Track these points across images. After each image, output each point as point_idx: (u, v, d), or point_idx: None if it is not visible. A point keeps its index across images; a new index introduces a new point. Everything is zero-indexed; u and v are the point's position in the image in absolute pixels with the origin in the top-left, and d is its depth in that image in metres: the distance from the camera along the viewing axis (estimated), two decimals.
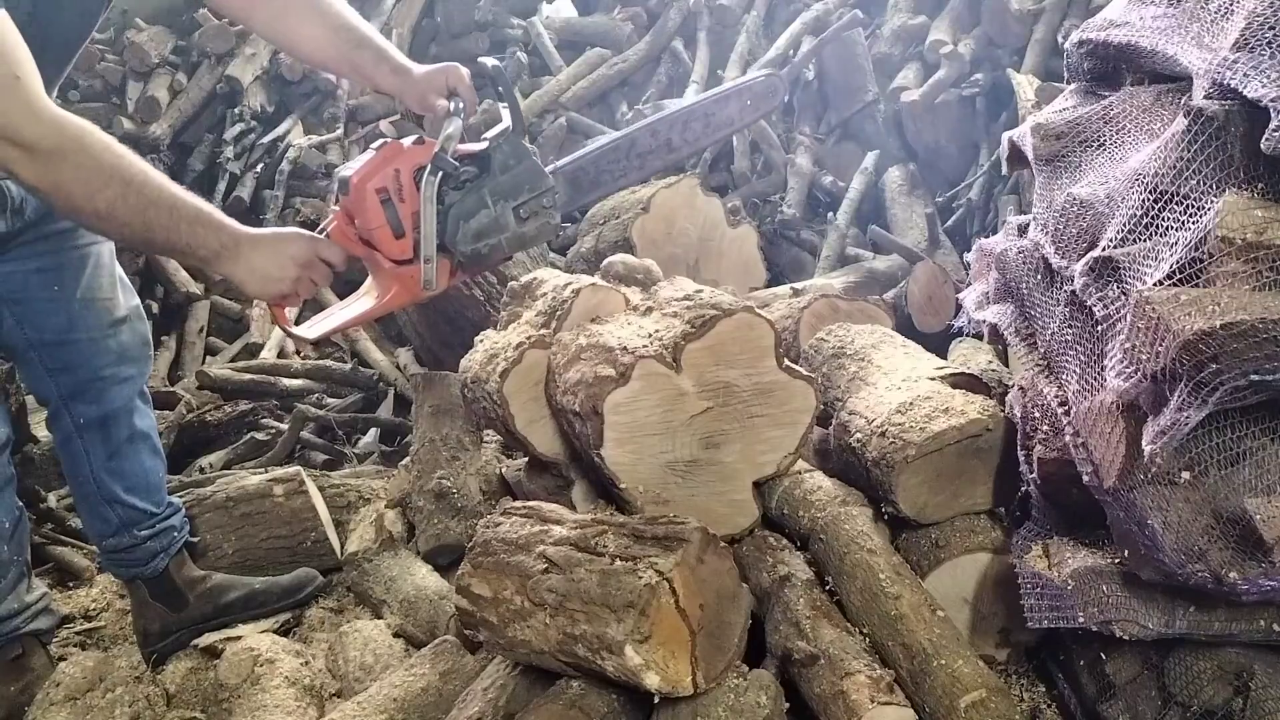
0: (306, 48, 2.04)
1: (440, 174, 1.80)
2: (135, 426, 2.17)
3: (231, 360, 3.87)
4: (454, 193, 1.86)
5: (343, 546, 2.54)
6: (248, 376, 3.56)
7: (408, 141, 1.85)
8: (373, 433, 3.33)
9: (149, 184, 1.62)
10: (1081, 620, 1.51)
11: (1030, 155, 1.96)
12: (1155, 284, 1.41)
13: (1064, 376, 1.70)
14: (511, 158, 1.90)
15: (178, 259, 1.85)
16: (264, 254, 1.74)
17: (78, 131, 1.56)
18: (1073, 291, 1.66)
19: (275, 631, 2.28)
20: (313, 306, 3.22)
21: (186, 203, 1.67)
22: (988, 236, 2.51)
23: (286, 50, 2.08)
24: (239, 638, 2.19)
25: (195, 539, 2.41)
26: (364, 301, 1.93)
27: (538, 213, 1.94)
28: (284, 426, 3.24)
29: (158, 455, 2.26)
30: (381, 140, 1.86)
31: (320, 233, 1.87)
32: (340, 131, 4.80)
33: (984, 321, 2.14)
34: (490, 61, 1.99)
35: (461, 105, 1.95)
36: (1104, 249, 1.55)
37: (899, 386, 1.96)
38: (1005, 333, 1.98)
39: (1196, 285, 1.39)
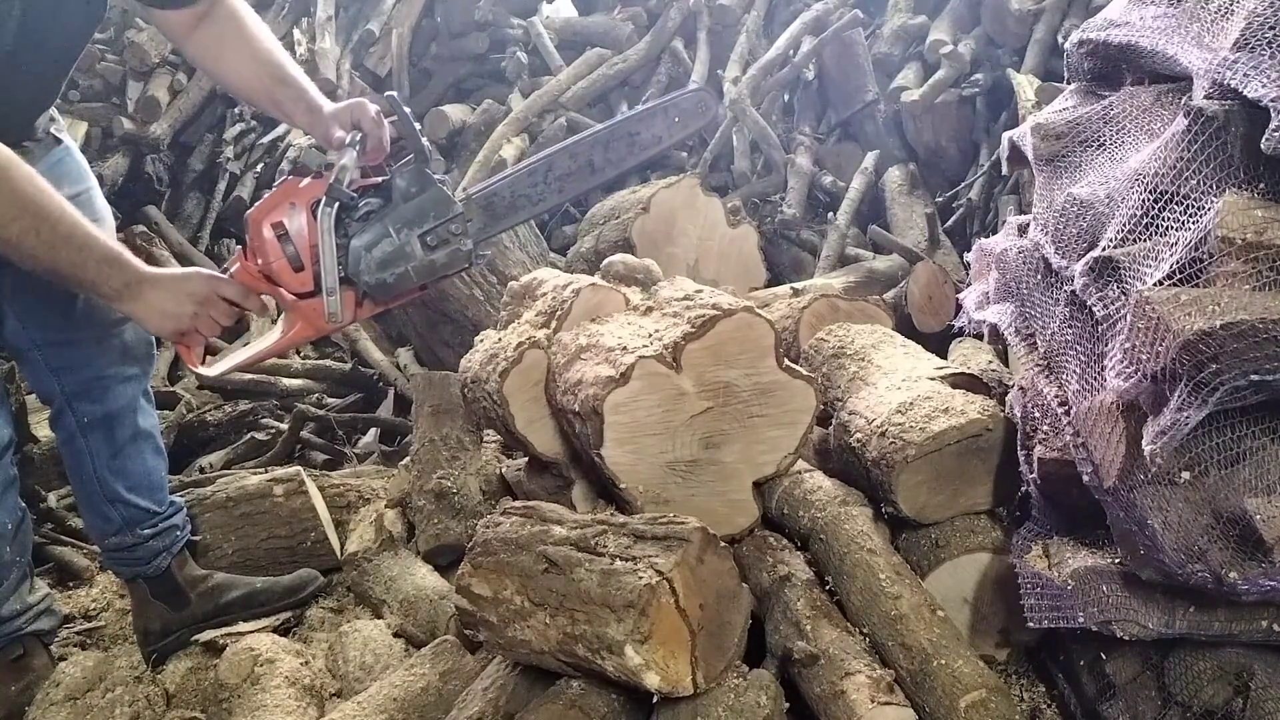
0: (233, 79, 2.06)
1: (336, 205, 1.81)
2: (138, 426, 2.18)
3: None
4: (357, 224, 1.87)
5: (343, 546, 2.54)
6: (248, 376, 3.56)
7: (306, 179, 1.87)
8: (373, 433, 3.33)
9: (63, 221, 1.68)
10: (1081, 620, 1.51)
11: (1030, 155, 1.96)
12: (1155, 284, 1.41)
13: (1064, 376, 1.70)
14: (414, 185, 1.89)
15: (82, 293, 1.88)
16: (163, 293, 1.78)
17: (4, 162, 1.62)
18: (1073, 291, 1.66)
19: (275, 631, 2.28)
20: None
21: (98, 242, 1.72)
22: (988, 236, 2.51)
23: (213, 78, 2.13)
24: (240, 636, 2.19)
25: (197, 538, 2.41)
26: (269, 336, 1.95)
27: (447, 240, 1.91)
28: (284, 426, 3.24)
29: (160, 455, 2.27)
30: (282, 178, 1.88)
31: (224, 271, 1.89)
32: None
33: (984, 321, 2.14)
34: (390, 93, 2.02)
35: (359, 138, 1.93)
36: (1104, 249, 1.55)
37: (899, 386, 1.96)
38: (1005, 333, 1.98)
39: (1196, 285, 1.39)
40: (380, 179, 1.93)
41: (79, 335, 2.05)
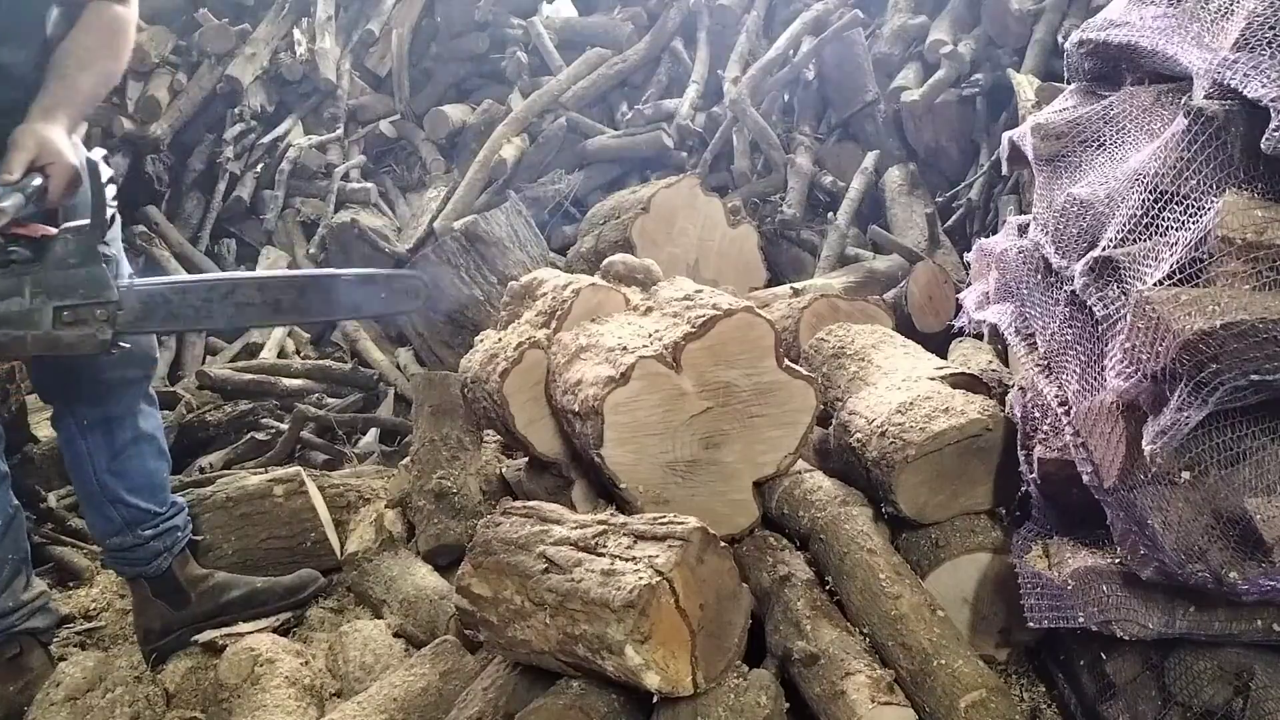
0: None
1: None
2: (139, 429, 2.18)
3: (231, 360, 3.86)
4: None
5: (343, 546, 2.54)
6: (248, 376, 3.56)
7: None
8: (373, 433, 3.33)
9: None
10: (1081, 620, 1.51)
11: (1030, 155, 1.96)
12: (1155, 284, 1.41)
13: (1064, 376, 1.70)
14: (74, 256, 1.74)
15: None
16: None
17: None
18: (1073, 291, 1.66)
19: (275, 631, 2.28)
20: None
21: None
22: (988, 236, 2.51)
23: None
24: (240, 635, 2.19)
25: (199, 538, 2.42)
26: None
27: (85, 321, 1.75)
28: (284, 426, 3.24)
29: (163, 456, 2.26)
30: None
31: None
32: (340, 131, 4.80)
33: (984, 321, 2.14)
34: (98, 155, 1.86)
35: (37, 183, 1.71)
36: (1104, 249, 1.55)
37: (899, 386, 1.96)
38: (1005, 333, 1.98)
39: (1196, 285, 1.39)
40: (44, 233, 1.75)
41: None
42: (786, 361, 1.90)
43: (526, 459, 2.29)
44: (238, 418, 3.43)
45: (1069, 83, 2.14)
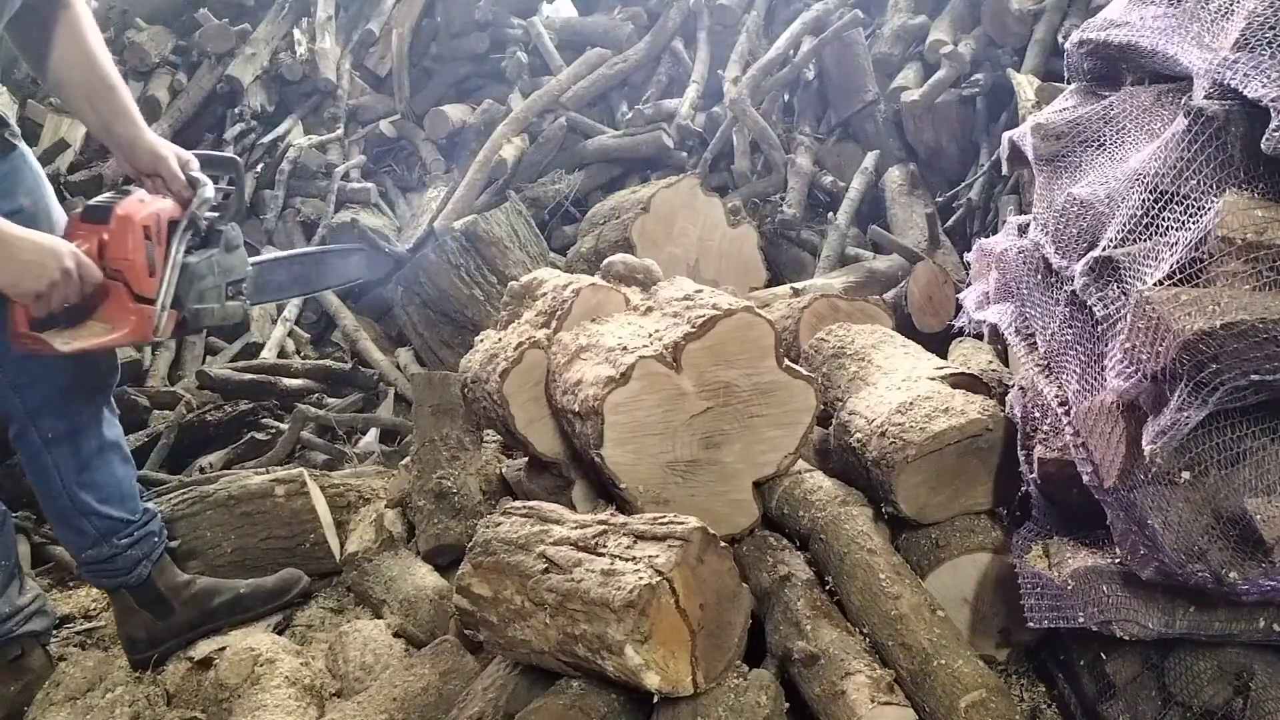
0: (57, 67, 1.97)
1: (191, 231, 1.93)
2: (104, 437, 2.13)
3: (231, 360, 3.86)
4: (193, 253, 1.98)
5: (343, 546, 2.54)
6: (248, 376, 3.56)
7: (165, 197, 1.96)
8: (373, 433, 3.32)
9: None
10: (1081, 620, 1.51)
11: (1030, 155, 1.96)
12: (1155, 284, 1.41)
13: (1064, 376, 1.70)
14: (235, 241, 2.07)
15: None
16: (27, 256, 1.72)
17: None
18: (1073, 291, 1.66)
19: (274, 631, 2.28)
20: None
21: None
22: (988, 236, 2.51)
23: (31, 62, 2.03)
24: (225, 647, 2.17)
25: (175, 544, 2.37)
26: (96, 329, 1.89)
27: (235, 297, 2.09)
28: (284, 426, 3.24)
29: (129, 463, 2.22)
30: (134, 189, 1.93)
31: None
32: (340, 131, 4.80)
33: (984, 321, 2.14)
34: (234, 156, 2.18)
35: (212, 182, 2.02)
36: (1104, 249, 1.55)
37: (899, 386, 1.96)
38: (1005, 333, 1.98)
39: (1197, 285, 1.39)
40: (213, 219, 2.05)
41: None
42: (786, 361, 1.90)
43: (526, 459, 2.29)
44: (238, 418, 3.43)
45: (1069, 83, 2.14)
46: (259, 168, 4.67)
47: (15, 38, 1.97)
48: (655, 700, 1.51)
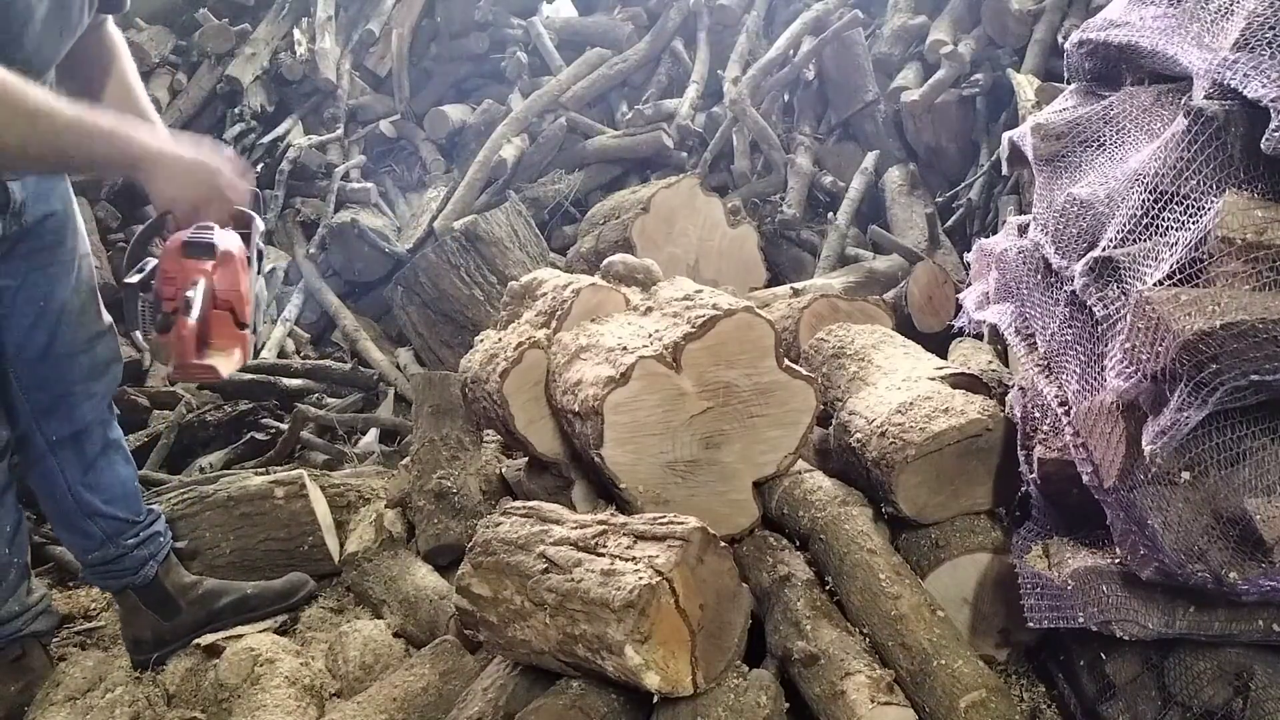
0: (93, 93, 1.98)
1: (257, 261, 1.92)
2: (107, 438, 2.14)
3: None
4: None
5: (343, 547, 2.54)
6: (248, 376, 3.56)
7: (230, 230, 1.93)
8: (373, 433, 3.33)
9: (56, 112, 1.59)
10: (1081, 620, 1.51)
11: (1030, 155, 1.96)
12: (1155, 284, 1.41)
13: (1064, 376, 1.70)
14: (263, 267, 2.05)
15: (101, 175, 1.82)
16: (187, 163, 1.78)
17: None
18: (1073, 291, 1.66)
19: (274, 631, 2.28)
20: None
21: (97, 124, 1.65)
22: (988, 236, 2.51)
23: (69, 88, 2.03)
24: (239, 636, 2.19)
25: (180, 544, 2.38)
26: (220, 358, 1.88)
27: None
28: (284, 426, 3.24)
29: (130, 463, 2.22)
30: (208, 226, 1.86)
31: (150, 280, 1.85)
32: (340, 131, 4.80)
33: (984, 321, 2.14)
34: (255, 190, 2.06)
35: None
36: (1104, 249, 1.55)
37: (899, 386, 1.96)
38: (1005, 333, 1.98)
39: (1196, 285, 1.39)
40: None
41: (55, 351, 1.99)
42: (786, 361, 1.90)
43: (526, 459, 2.29)
44: (238, 418, 3.43)
45: (1069, 83, 2.14)
46: (259, 168, 4.67)
47: (60, 68, 1.97)
48: (655, 700, 1.51)
